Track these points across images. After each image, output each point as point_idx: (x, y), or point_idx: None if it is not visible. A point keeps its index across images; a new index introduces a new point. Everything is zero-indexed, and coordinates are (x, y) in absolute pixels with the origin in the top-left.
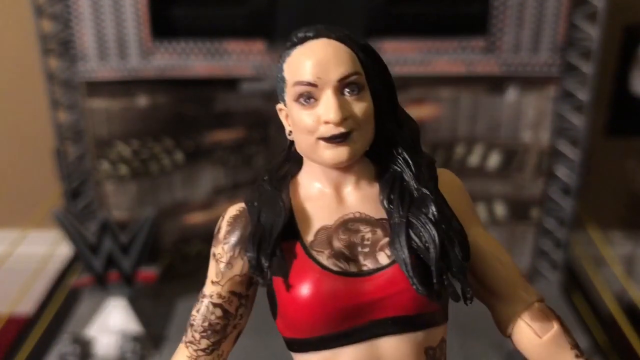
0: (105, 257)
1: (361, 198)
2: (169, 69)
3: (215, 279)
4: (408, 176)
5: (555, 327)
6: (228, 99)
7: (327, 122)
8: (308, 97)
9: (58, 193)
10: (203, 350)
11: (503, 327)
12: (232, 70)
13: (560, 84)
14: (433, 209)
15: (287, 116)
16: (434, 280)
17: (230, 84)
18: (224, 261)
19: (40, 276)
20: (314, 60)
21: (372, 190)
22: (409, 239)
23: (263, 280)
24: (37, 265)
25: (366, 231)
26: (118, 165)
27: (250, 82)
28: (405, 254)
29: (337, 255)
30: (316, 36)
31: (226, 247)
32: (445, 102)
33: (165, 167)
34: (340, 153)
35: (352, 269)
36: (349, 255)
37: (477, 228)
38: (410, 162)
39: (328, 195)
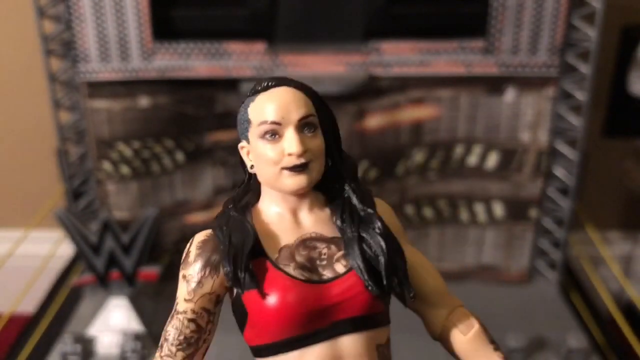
0: (106, 257)
1: (315, 220)
2: (169, 69)
3: (187, 297)
4: (354, 200)
5: (476, 325)
6: (229, 99)
7: (290, 155)
8: (273, 133)
9: (60, 193)
10: None
11: (433, 330)
12: (232, 71)
13: (558, 84)
14: (379, 224)
15: (248, 153)
16: (384, 282)
17: (230, 84)
18: (195, 281)
19: (41, 275)
20: (277, 104)
21: (323, 213)
22: (362, 249)
23: (241, 290)
24: (38, 264)
25: (322, 247)
26: (119, 165)
27: (250, 83)
28: (360, 261)
29: (300, 267)
30: (278, 84)
31: (196, 267)
32: (444, 102)
33: (166, 167)
34: (300, 180)
35: (315, 277)
36: (310, 267)
37: (407, 245)
38: (355, 189)
39: (286, 218)
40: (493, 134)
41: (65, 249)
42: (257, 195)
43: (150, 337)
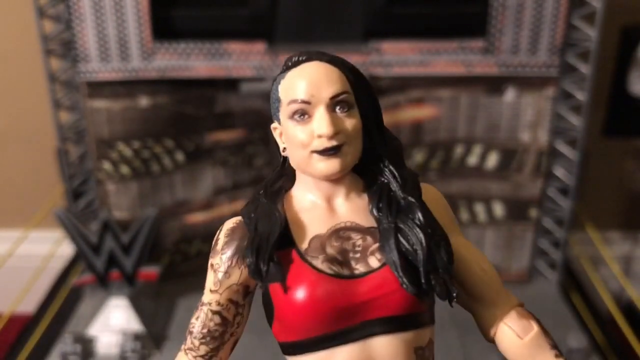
0: (106, 257)
1: (351, 208)
2: (169, 69)
3: (213, 288)
4: (394, 187)
5: (535, 328)
6: (228, 99)
7: (320, 136)
8: (302, 113)
9: (60, 193)
10: (202, 356)
11: (486, 330)
12: (232, 71)
13: (558, 84)
14: (419, 214)
15: (281, 134)
16: (422, 280)
17: (230, 84)
18: (222, 270)
19: (41, 275)
20: (307, 80)
21: (361, 201)
22: (397, 242)
23: (262, 283)
24: (38, 264)
25: (357, 238)
26: (119, 165)
27: (250, 83)
28: (395, 256)
29: (330, 259)
30: (308, 59)
31: (224, 257)
32: (444, 102)
33: (166, 167)
34: (332, 165)
35: (345, 271)
36: (341, 260)
37: (459, 237)
38: (396, 174)
39: (320, 206)
40: (493, 134)
41: (65, 249)
42: (292, 180)
43: (150, 337)
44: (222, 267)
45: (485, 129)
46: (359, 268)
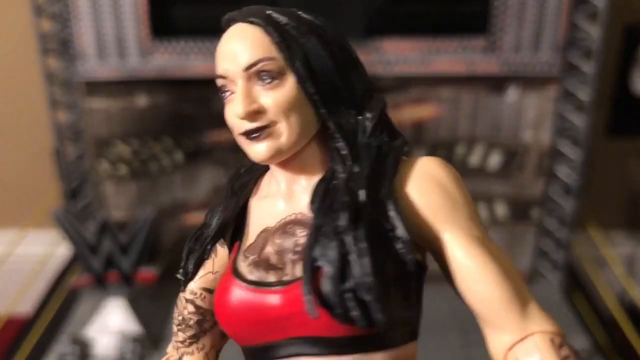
0: (104, 257)
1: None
2: (168, 68)
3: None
4: (340, 173)
5: None
6: None
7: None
8: (224, 90)
9: (57, 193)
10: (181, 342)
11: (492, 357)
12: None
13: (561, 83)
14: (344, 216)
15: None
16: (331, 302)
17: None
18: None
19: (39, 276)
20: (222, 50)
21: None
22: (311, 249)
23: (183, 282)
24: (36, 265)
25: (301, 235)
26: (117, 165)
27: None
28: (307, 266)
29: (259, 263)
30: (232, 21)
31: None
32: (445, 102)
33: (164, 167)
34: (259, 149)
35: (271, 278)
36: (274, 263)
37: (454, 232)
38: (347, 154)
39: (280, 192)
40: (495, 133)
41: (63, 250)
42: None
43: (148, 339)
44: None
45: (487, 128)
46: (287, 275)
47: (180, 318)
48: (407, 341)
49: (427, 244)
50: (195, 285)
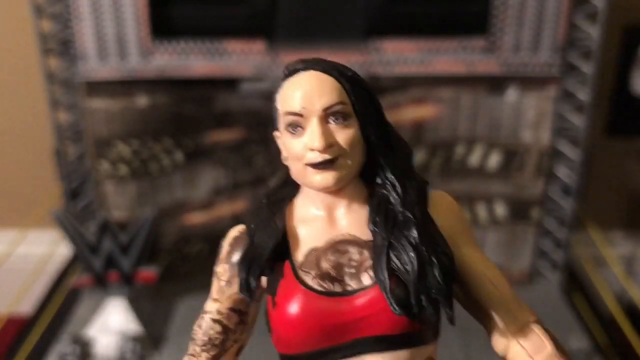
0: (105, 257)
1: (352, 220)
2: (168, 68)
3: (215, 296)
4: (394, 199)
5: (549, 347)
6: (228, 99)
7: (312, 150)
8: (296, 125)
9: (58, 193)
10: None
11: (497, 347)
12: (232, 70)
13: (560, 84)
14: (414, 232)
15: (282, 142)
16: (412, 302)
17: (230, 84)
18: (224, 279)
19: (39, 276)
20: (300, 92)
21: (363, 212)
22: (389, 261)
23: (250, 299)
24: (36, 265)
25: (354, 252)
26: (118, 165)
27: (250, 82)
28: (384, 275)
29: (322, 276)
30: (305, 69)
31: (227, 266)
32: (445, 102)
33: (165, 167)
34: (326, 178)
35: (337, 288)
36: (335, 276)
37: (470, 249)
38: (397, 185)
39: (321, 217)
40: (494, 133)
41: (63, 250)
42: (297, 188)
43: (149, 339)
44: (224, 276)
45: (487, 128)
46: (352, 285)
47: (205, 339)
48: (435, 338)
49: None
50: (222, 306)
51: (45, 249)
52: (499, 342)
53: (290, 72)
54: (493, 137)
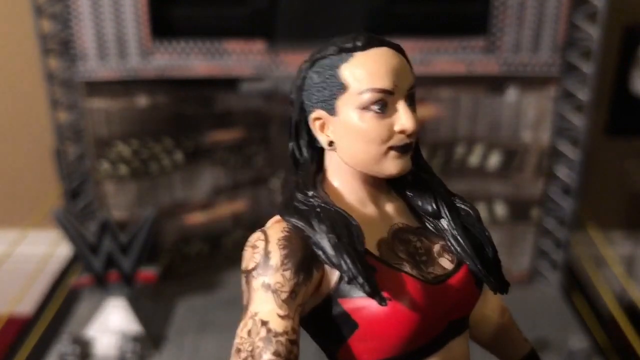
0: (105, 257)
1: (396, 209)
2: (168, 68)
3: (282, 313)
4: (437, 184)
5: (508, 312)
6: (228, 99)
7: (402, 132)
8: (384, 104)
9: (58, 193)
10: None
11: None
12: (232, 70)
13: (560, 83)
14: (477, 213)
15: (322, 126)
16: (496, 276)
17: (230, 84)
18: (286, 291)
19: (39, 276)
20: (388, 68)
21: (399, 201)
22: (473, 243)
23: (383, 301)
24: (36, 265)
25: (414, 240)
26: (118, 165)
27: (250, 82)
28: (473, 255)
29: (412, 264)
30: (378, 44)
31: (287, 274)
32: (445, 102)
33: (165, 167)
34: (407, 162)
35: (429, 276)
36: (415, 265)
37: None
38: (430, 170)
39: (370, 208)
40: (494, 133)
41: (63, 250)
42: (314, 180)
43: (149, 339)
44: (286, 286)
45: (487, 128)
46: (436, 271)
47: None
48: None
49: None
50: (294, 323)
51: (45, 249)
52: (490, 314)
53: (359, 46)
54: (493, 137)
